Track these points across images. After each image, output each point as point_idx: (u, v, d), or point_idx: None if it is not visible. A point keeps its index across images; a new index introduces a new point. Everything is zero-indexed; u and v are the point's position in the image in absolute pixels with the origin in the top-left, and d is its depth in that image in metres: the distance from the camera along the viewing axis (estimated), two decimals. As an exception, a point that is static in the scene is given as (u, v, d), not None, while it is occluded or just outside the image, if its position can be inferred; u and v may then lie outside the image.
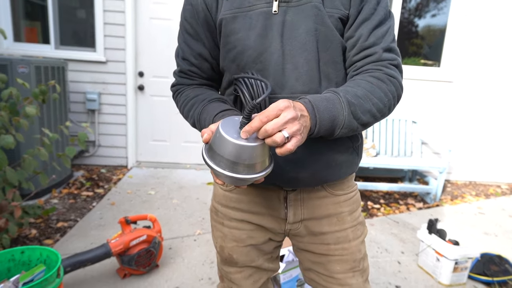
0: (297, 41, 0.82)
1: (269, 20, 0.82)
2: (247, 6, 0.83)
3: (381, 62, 0.82)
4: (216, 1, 0.87)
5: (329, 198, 0.94)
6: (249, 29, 0.83)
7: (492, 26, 3.99)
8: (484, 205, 3.65)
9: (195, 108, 0.88)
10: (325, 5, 0.81)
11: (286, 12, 0.82)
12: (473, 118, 4.22)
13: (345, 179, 0.96)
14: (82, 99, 3.88)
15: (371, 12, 0.82)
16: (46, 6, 3.75)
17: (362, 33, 0.81)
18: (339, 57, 0.85)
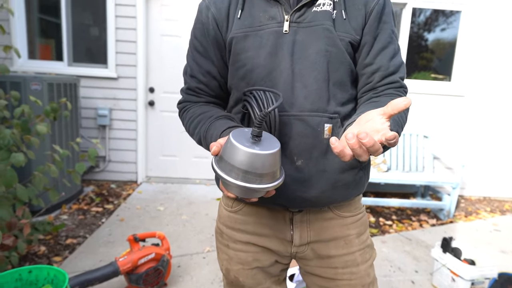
0: (307, 61, 0.82)
1: (279, 40, 0.83)
2: (258, 26, 0.84)
3: (400, 89, 0.89)
4: (227, 20, 0.87)
5: (336, 220, 0.92)
6: (259, 48, 0.83)
7: (502, 39, 3.96)
8: (500, 222, 3.55)
9: (201, 125, 0.88)
10: (337, 29, 0.82)
11: (296, 32, 0.83)
12: (486, 132, 4.15)
13: (352, 201, 0.94)
14: (93, 114, 3.93)
15: (388, 41, 0.86)
16: (60, 24, 3.84)
17: (382, 62, 0.86)
18: (347, 78, 0.85)
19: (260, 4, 0.85)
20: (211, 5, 0.89)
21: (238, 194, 0.69)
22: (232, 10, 0.87)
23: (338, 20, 0.83)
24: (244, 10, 0.86)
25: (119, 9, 3.77)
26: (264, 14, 0.84)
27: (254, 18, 0.85)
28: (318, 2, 0.83)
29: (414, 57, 4.15)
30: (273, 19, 0.83)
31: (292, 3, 0.84)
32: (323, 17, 0.82)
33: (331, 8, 0.83)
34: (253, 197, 0.70)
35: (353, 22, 0.84)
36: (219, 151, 0.69)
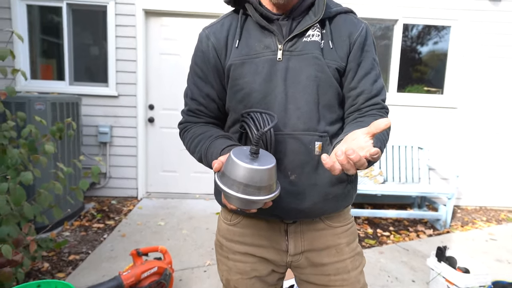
0: (299, 85, 0.91)
1: (274, 67, 0.92)
2: (254, 54, 0.93)
3: (382, 110, 0.98)
4: (226, 49, 0.96)
5: (327, 230, 0.99)
6: (256, 74, 0.92)
7: (491, 53, 4.09)
8: (496, 231, 3.61)
9: (202, 144, 0.95)
10: (325, 57, 0.92)
11: (289, 60, 0.91)
12: (480, 143, 4.24)
13: (342, 212, 1.02)
14: (94, 132, 4.00)
15: (370, 68, 0.95)
16: (62, 44, 3.96)
17: (366, 86, 0.95)
18: (335, 100, 0.94)
19: (256, 35, 0.94)
20: (210, 35, 0.98)
21: (239, 206, 0.76)
22: (230, 39, 0.96)
23: (326, 49, 0.92)
24: (241, 39, 0.95)
25: (119, 29, 3.89)
26: (260, 43, 0.93)
27: (250, 47, 0.93)
28: (308, 33, 0.92)
29: (407, 71, 4.27)
30: (268, 48, 0.92)
31: (285, 34, 0.93)
32: (313, 47, 0.91)
33: (319, 38, 0.92)
34: (252, 208, 0.78)
35: (339, 51, 0.93)
36: (221, 167, 0.77)
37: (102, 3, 3.84)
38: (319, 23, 0.94)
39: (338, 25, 0.95)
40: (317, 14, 0.92)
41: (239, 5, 0.97)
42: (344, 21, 0.96)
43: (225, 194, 0.75)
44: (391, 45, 4.16)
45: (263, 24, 0.93)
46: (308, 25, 0.92)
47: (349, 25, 0.95)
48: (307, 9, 0.94)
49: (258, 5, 0.93)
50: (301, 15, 0.94)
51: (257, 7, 0.93)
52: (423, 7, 4.00)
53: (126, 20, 3.87)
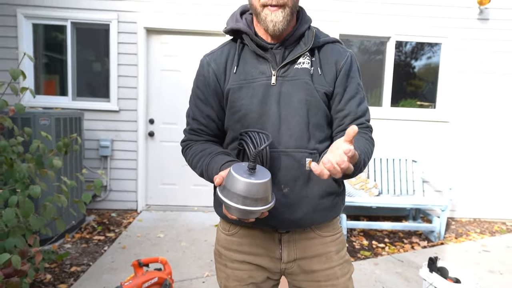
0: (291, 108, 1.01)
1: (268, 91, 1.02)
2: (251, 79, 1.03)
3: (367, 128, 1.08)
4: (225, 74, 1.07)
5: (317, 239, 1.08)
6: (252, 97, 1.02)
7: (480, 68, 4.23)
8: (489, 243, 3.68)
9: (203, 160, 1.05)
10: (314, 82, 1.02)
11: (282, 84, 1.02)
12: (473, 156, 4.34)
13: (331, 222, 1.11)
14: (95, 146, 4.09)
15: (355, 92, 1.06)
16: (65, 60, 4.08)
17: (352, 109, 1.05)
18: (323, 121, 1.04)
19: (252, 62, 1.05)
20: (211, 61, 1.09)
21: (238, 216, 0.86)
22: (228, 66, 1.07)
23: (315, 75, 1.03)
24: (239, 66, 1.05)
25: (121, 46, 4.02)
26: (255, 69, 1.04)
27: (247, 73, 1.04)
28: (299, 60, 1.03)
29: (400, 86, 4.40)
30: (263, 74, 1.03)
31: (278, 61, 1.04)
32: (303, 73, 1.02)
33: (309, 65, 1.03)
34: (250, 218, 0.87)
35: (327, 77, 1.04)
36: (222, 182, 0.86)
37: (105, 22, 3.98)
38: (309, 51, 1.05)
39: (326, 53, 1.06)
40: (307, 44, 1.03)
41: (237, 35, 1.08)
42: (331, 50, 1.07)
43: (226, 205, 0.84)
44: (384, 61, 4.31)
45: (259, 52, 1.03)
46: (299, 53, 1.03)
47: (336, 54, 1.06)
48: (298, 39, 1.05)
49: (254, 35, 1.04)
50: (292, 44, 1.05)
51: (253, 37, 1.03)
52: (415, 25, 4.16)
53: (128, 38, 4.01)
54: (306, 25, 1.06)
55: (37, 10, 3.92)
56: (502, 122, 4.31)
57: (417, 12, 4.14)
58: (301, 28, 1.05)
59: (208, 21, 4.04)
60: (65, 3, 3.93)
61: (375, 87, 4.38)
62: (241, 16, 1.10)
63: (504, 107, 4.29)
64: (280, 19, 0.97)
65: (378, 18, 4.13)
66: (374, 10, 4.12)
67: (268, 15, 0.97)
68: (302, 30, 1.05)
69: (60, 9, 3.93)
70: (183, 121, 4.16)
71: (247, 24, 1.07)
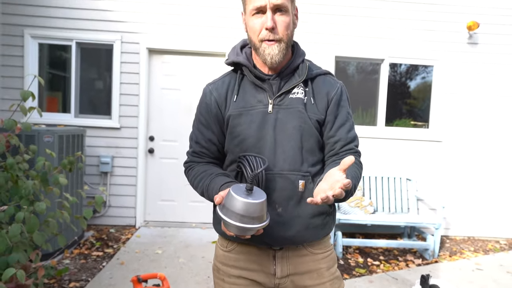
0: (286, 134, 1.11)
1: (265, 118, 1.12)
2: (250, 107, 1.13)
3: (355, 154, 1.16)
4: (225, 102, 1.17)
5: (309, 256, 1.16)
6: (250, 123, 1.12)
7: (471, 89, 4.37)
8: (483, 261, 3.73)
9: (204, 180, 1.13)
10: (307, 111, 1.12)
11: (278, 112, 1.12)
12: (466, 175, 4.44)
13: (322, 240, 1.19)
14: (96, 162, 4.17)
15: (345, 120, 1.16)
16: (68, 78, 4.20)
17: (342, 135, 1.15)
18: (315, 146, 1.14)
19: (250, 91, 1.15)
20: (213, 90, 1.19)
21: (236, 233, 0.94)
22: (229, 94, 1.17)
23: (308, 104, 1.13)
24: (239, 95, 1.15)
25: (124, 66, 4.15)
26: (254, 98, 1.14)
27: (246, 101, 1.14)
28: (293, 90, 1.14)
29: (395, 106, 4.53)
30: (261, 102, 1.13)
31: (275, 91, 1.14)
32: (297, 102, 1.12)
33: (303, 95, 1.14)
34: (247, 235, 0.95)
35: (319, 106, 1.14)
36: (221, 201, 0.95)
37: (109, 42, 4.12)
38: (303, 82, 1.15)
39: (318, 84, 1.17)
40: (301, 76, 1.14)
41: (238, 67, 1.18)
42: (323, 81, 1.18)
43: (225, 222, 0.93)
44: (378, 81, 4.44)
45: (257, 83, 1.14)
46: (294, 84, 1.13)
47: (327, 85, 1.17)
48: (293, 71, 1.16)
49: (252, 68, 1.14)
50: (288, 76, 1.15)
51: (252, 70, 1.14)
52: (407, 48, 4.32)
53: (130, 58, 4.14)
54: (300, 58, 1.17)
55: (43, 30, 4.06)
56: (494, 142, 4.43)
57: (409, 36, 4.30)
58: (295, 61, 1.16)
59: (207, 42, 4.18)
60: (71, 24, 4.07)
61: (370, 107, 4.51)
62: (241, 49, 1.21)
63: (495, 127, 4.42)
64: (276, 52, 1.08)
65: (372, 41, 4.29)
66: (368, 33, 4.29)
67: (266, 49, 1.08)
68: (296, 63, 1.16)
69: (66, 29, 4.08)
70: (182, 138, 4.26)
71: (247, 57, 1.17)
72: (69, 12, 4.06)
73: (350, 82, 4.50)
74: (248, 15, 1.10)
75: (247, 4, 1.10)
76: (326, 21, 4.25)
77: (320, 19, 4.23)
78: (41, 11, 4.04)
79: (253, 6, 1.06)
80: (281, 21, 1.06)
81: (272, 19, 1.05)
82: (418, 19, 4.30)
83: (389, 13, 4.28)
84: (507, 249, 4.18)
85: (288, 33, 1.08)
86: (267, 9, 1.05)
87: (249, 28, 1.11)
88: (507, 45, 4.37)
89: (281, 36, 1.07)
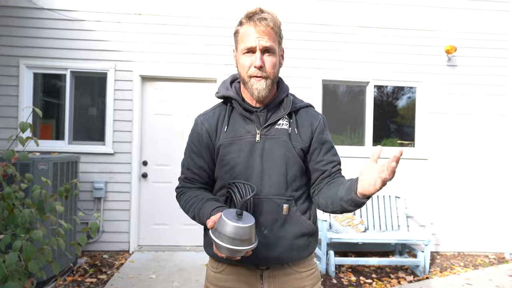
0: (272, 161, 1.21)
1: (253, 147, 1.22)
2: (239, 136, 1.24)
3: (341, 172, 1.28)
4: (216, 132, 1.27)
5: (294, 275, 1.24)
6: (240, 152, 1.22)
7: (453, 108, 4.56)
8: (472, 276, 3.80)
9: (195, 205, 1.22)
10: (292, 140, 1.24)
11: (265, 142, 1.23)
12: (453, 191, 4.56)
13: (306, 259, 1.27)
14: (90, 188, 4.21)
15: (330, 146, 1.30)
16: (62, 105, 4.29)
17: (331, 159, 1.28)
18: (299, 173, 1.25)
19: (239, 122, 1.26)
20: (204, 121, 1.30)
21: (227, 254, 1.02)
22: (219, 125, 1.28)
23: (292, 134, 1.25)
24: (229, 125, 1.26)
25: (117, 93, 4.26)
26: (243, 129, 1.25)
27: (235, 131, 1.25)
28: (279, 122, 1.25)
29: (382, 126, 4.68)
30: (249, 132, 1.24)
31: (262, 122, 1.25)
32: (282, 133, 1.24)
33: (288, 126, 1.25)
34: (237, 256, 1.04)
35: (303, 136, 1.26)
36: (214, 225, 1.03)
37: (103, 70, 4.25)
38: (287, 115, 1.27)
39: (301, 116, 1.29)
40: (285, 109, 1.26)
41: (227, 100, 1.30)
42: (306, 114, 1.30)
43: (217, 245, 1.01)
44: (365, 103, 4.61)
45: (246, 115, 1.25)
46: (279, 116, 1.25)
47: (310, 117, 1.30)
48: (278, 104, 1.28)
49: (241, 101, 1.26)
50: (274, 108, 1.27)
51: (240, 103, 1.26)
52: (391, 71, 4.51)
53: (124, 85, 4.26)
54: (284, 93, 1.29)
55: (38, 60, 4.17)
56: (477, 158, 4.58)
57: (392, 59, 4.51)
58: (280, 95, 1.28)
59: (198, 69, 4.33)
60: (66, 54, 4.20)
61: (358, 127, 4.65)
62: (231, 84, 1.33)
63: (476, 143, 4.59)
64: (263, 87, 1.20)
65: (357, 65, 4.48)
66: (353, 58, 4.48)
67: (254, 84, 1.20)
68: (281, 97, 1.28)
69: (60, 59, 4.20)
70: (175, 162, 4.34)
71: (236, 91, 1.29)
72: (64, 42, 4.20)
73: (338, 104, 4.66)
74: (240, 53, 1.22)
75: (239, 43, 1.22)
76: (313, 47, 4.44)
77: (307, 45, 4.42)
78: (37, 42, 4.17)
79: (245, 46, 1.18)
80: (269, 61, 1.19)
81: (260, 59, 1.17)
82: (400, 44, 4.51)
83: (373, 38, 4.50)
84: (496, 263, 4.26)
85: (274, 71, 1.21)
86: (257, 49, 1.17)
87: (240, 64, 1.23)
88: (482, 67, 4.60)
89: (268, 74, 1.19)
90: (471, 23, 4.59)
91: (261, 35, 1.16)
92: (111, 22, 4.25)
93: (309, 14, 4.44)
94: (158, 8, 4.30)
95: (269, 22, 1.16)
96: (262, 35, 1.16)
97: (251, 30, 1.17)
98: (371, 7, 4.50)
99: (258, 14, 1.17)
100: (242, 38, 1.20)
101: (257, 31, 1.16)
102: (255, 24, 1.16)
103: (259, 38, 1.16)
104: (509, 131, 4.59)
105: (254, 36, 1.16)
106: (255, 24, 1.16)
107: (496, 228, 4.59)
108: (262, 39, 1.16)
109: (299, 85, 4.37)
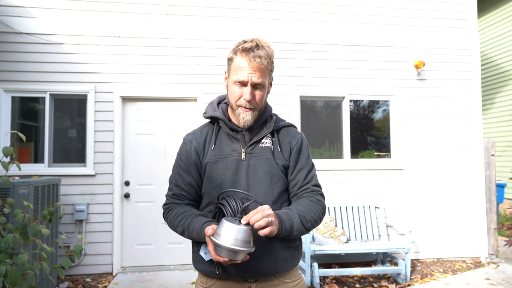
0: (257, 178, 1.30)
1: (239, 164, 1.31)
2: (225, 155, 1.32)
3: (312, 192, 1.35)
4: (203, 150, 1.35)
5: (281, 286, 1.31)
6: (226, 169, 1.30)
7: (424, 119, 4.78)
8: (451, 281, 3.94)
9: (184, 220, 1.28)
10: (275, 157, 1.34)
11: (250, 159, 1.31)
12: (429, 200, 4.74)
13: (292, 270, 1.34)
14: (71, 210, 4.16)
15: (304, 165, 1.37)
16: (41, 128, 4.26)
17: (300, 177, 1.35)
18: (283, 187, 1.33)
19: (226, 141, 1.35)
20: (193, 140, 1.37)
21: (228, 257, 1.08)
22: (207, 143, 1.36)
23: (275, 152, 1.34)
24: (216, 144, 1.35)
25: (98, 114, 4.27)
26: (229, 147, 1.33)
27: (222, 149, 1.33)
28: (262, 140, 1.35)
29: (360, 138, 4.85)
30: (235, 151, 1.32)
31: (247, 141, 1.34)
32: (266, 151, 1.33)
33: (271, 144, 1.35)
34: (238, 259, 1.09)
35: (284, 153, 1.36)
36: (213, 232, 1.10)
37: (83, 93, 4.26)
38: (270, 133, 1.37)
39: (283, 135, 1.39)
40: (269, 128, 1.36)
41: (214, 120, 1.39)
42: (286, 132, 1.40)
43: (221, 247, 1.07)
44: (341, 117, 4.78)
45: (231, 134, 1.34)
46: (263, 135, 1.35)
47: (290, 136, 1.40)
48: (262, 124, 1.37)
49: (228, 121, 1.35)
50: (258, 128, 1.37)
51: (227, 123, 1.35)
52: (365, 86, 4.72)
53: (104, 106, 4.28)
54: (268, 114, 1.39)
55: (17, 84, 4.16)
56: (449, 167, 4.80)
57: (366, 75, 4.72)
58: (264, 116, 1.38)
59: (178, 89, 4.41)
60: (45, 77, 4.20)
61: (336, 141, 4.80)
62: (218, 105, 1.41)
63: (448, 153, 4.81)
64: (249, 118, 1.30)
65: (332, 81, 4.67)
66: (329, 74, 4.67)
67: (241, 113, 1.29)
68: (265, 118, 1.38)
69: (39, 82, 4.19)
70: (157, 181, 4.35)
71: (223, 112, 1.38)
72: (43, 66, 4.20)
73: (316, 119, 4.81)
74: (231, 82, 1.30)
75: (231, 72, 1.30)
76: (290, 64, 4.60)
77: (285, 63, 4.57)
78: (15, 66, 4.16)
79: (237, 79, 1.27)
80: (258, 94, 1.28)
81: (250, 93, 1.26)
82: (373, 60, 4.74)
83: (347, 55, 4.71)
84: (473, 267, 4.42)
85: (261, 103, 1.32)
86: (248, 84, 1.26)
87: (230, 92, 1.31)
88: (450, 80, 4.88)
89: (255, 106, 1.29)
90: (437, 39, 4.87)
91: (253, 71, 1.24)
92: (90, 45, 4.29)
93: (286, 34, 4.62)
94: (137, 30, 4.38)
95: (263, 61, 1.24)
96: (254, 72, 1.24)
97: (245, 64, 1.24)
98: (345, 26, 4.73)
99: (254, 51, 1.24)
100: (236, 70, 1.27)
101: (251, 66, 1.24)
102: (249, 60, 1.24)
103: (251, 74, 1.24)
104: (478, 140, 4.84)
105: (247, 72, 1.24)
106: (250, 60, 1.24)
107: (472, 233, 4.78)
108: (255, 75, 1.24)
109: (278, 101, 4.50)
